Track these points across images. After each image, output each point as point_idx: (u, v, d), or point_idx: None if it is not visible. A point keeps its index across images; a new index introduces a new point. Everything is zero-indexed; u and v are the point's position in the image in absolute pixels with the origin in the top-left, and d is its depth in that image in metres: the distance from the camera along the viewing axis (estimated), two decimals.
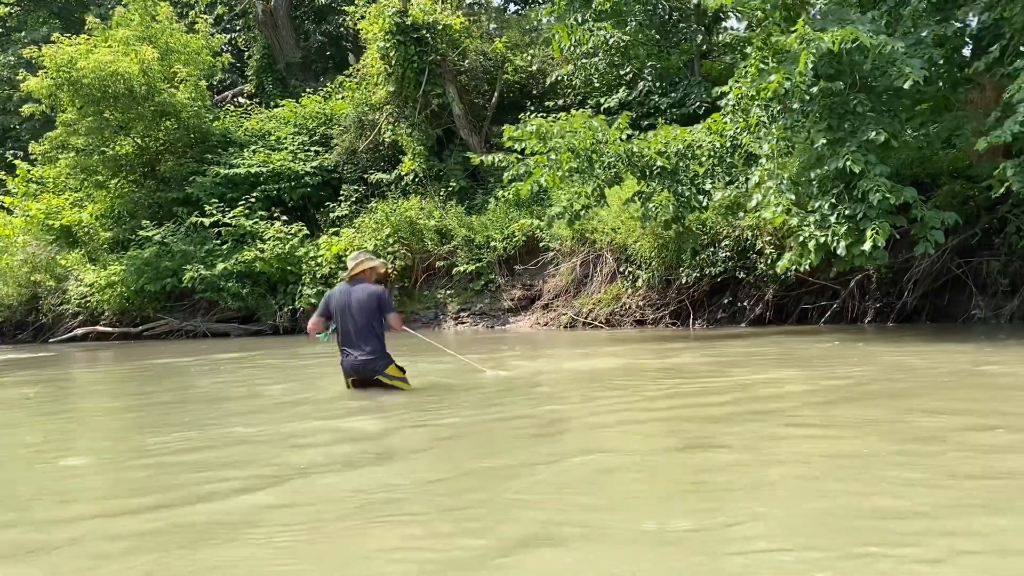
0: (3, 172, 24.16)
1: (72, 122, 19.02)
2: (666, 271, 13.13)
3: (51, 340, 19.29)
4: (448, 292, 16.69)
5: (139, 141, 19.50)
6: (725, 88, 10.74)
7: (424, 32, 17.41)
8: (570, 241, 14.85)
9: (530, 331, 14.70)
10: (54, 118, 21.31)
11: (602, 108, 16.88)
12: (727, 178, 10.98)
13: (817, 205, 9.27)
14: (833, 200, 9.12)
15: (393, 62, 17.36)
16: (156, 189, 19.72)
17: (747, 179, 10.48)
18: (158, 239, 18.03)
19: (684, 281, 12.82)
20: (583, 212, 11.25)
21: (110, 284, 18.21)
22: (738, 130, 10.80)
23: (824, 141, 8.93)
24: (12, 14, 30.87)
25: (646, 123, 15.37)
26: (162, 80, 19.03)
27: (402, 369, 6.82)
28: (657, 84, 17.05)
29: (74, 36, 19.52)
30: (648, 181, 10.71)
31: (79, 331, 19.00)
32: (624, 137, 10.77)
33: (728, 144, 10.85)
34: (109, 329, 18.84)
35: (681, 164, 10.77)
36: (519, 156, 11.21)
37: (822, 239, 9.04)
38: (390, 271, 8.11)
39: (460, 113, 17.94)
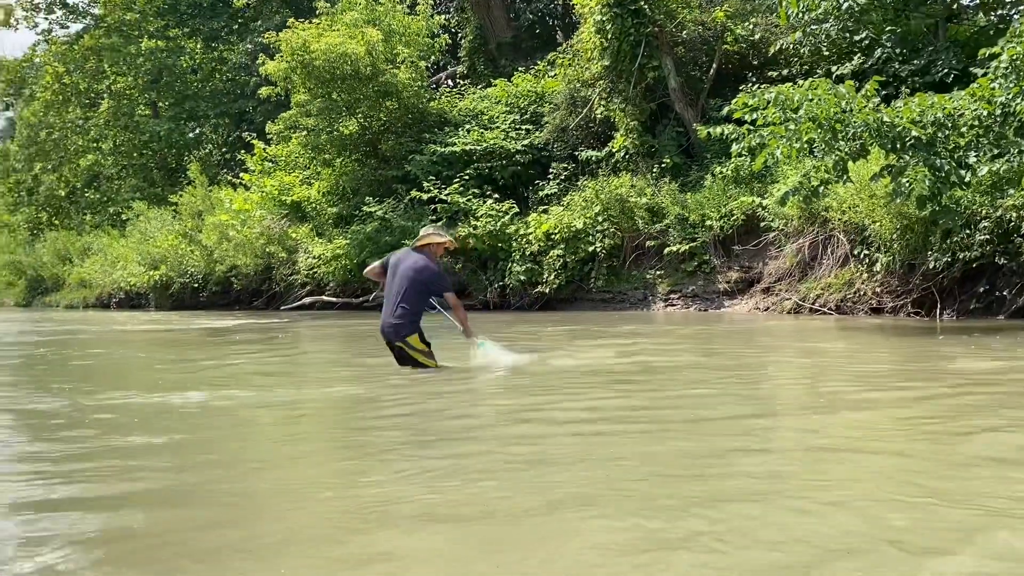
0: (242, 152, 26.36)
1: (304, 103, 20.25)
2: (909, 255, 11.89)
3: (282, 308, 20.74)
4: (658, 272, 16.18)
5: (363, 121, 20.43)
6: (995, 49, 9.49)
7: (642, 3, 16.88)
8: (796, 220, 13.87)
9: (748, 315, 13.92)
10: (285, 101, 22.85)
11: (833, 77, 15.60)
12: (994, 151, 9.69)
13: None
14: None
15: (609, 35, 16.98)
16: (377, 167, 20.62)
17: (1020, 152, 9.19)
18: (379, 215, 18.81)
19: (931, 266, 11.55)
20: (822, 188, 10.35)
21: (335, 257, 19.28)
22: (1010, 96, 9.49)
23: None
24: (250, 5, 33.45)
25: (884, 93, 14.01)
26: (384, 61, 19.79)
27: (427, 344, 6.69)
28: (897, 51, 15.55)
29: (306, 21, 20.74)
30: (901, 154, 9.65)
31: (307, 300, 20.31)
32: (873, 106, 9.77)
33: (998, 112, 9.55)
34: (333, 299, 19.98)
35: (939, 135, 9.61)
36: (751, 127, 10.48)
37: None
38: (454, 246, 7.94)
39: (676, 86, 17.27)
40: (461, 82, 24.12)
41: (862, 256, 12.67)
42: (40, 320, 20.41)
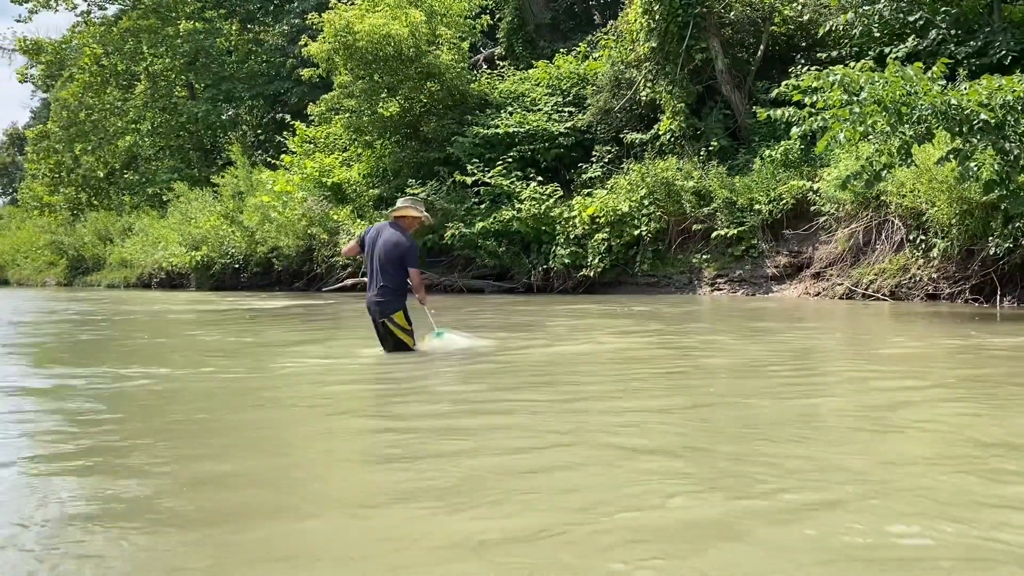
0: (278, 133, 26.47)
1: (346, 85, 20.25)
2: (968, 240, 11.71)
3: (323, 289, 20.86)
4: (704, 256, 16.07)
5: (404, 103, 20.40)
6: None
7: None
8: (849, 204, 13.69)
9: (798, 301, 13.79)
10: (321, 83, 22.85)
11: (887, 60, 15.33)
12: None
13: None
14: None
15: (656, 16, 16.81)
16: (419, 149, 20.59)
17: None
18: (422, 197, 18.79)
19: (992, 252, 11.36)
20: (884, 173, 10.18)
21: None
22: None
23: None
24: None
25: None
26: (427, 43, 19.72)
27: (410, 323, 6.78)
28: (952, 32, 15.24)
29: (348, 1, 20.70)
30: (968, 137, 9.48)
31: (348, 281, 20.38)
32: (940, 88, 9.59)
33: None
34: None
35: (1009, 118, 9.42)
36: (811, 110, 10.33)
37: None
38: (429, 222, 7.99)
39: (723, 68, 17.07)
40: (500, 63, 24.00)
41: (918, 241, 12.49)
42: (94, 299, 20.66)
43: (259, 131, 34.75)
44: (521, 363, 6.73)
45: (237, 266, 23.75)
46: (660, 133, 17.41)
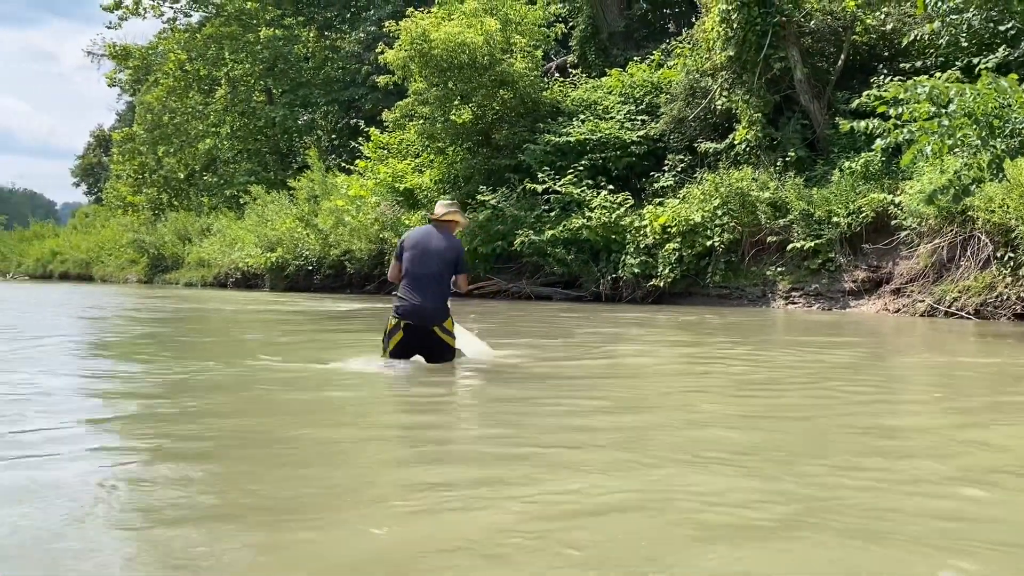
0: (352, 138, 26.99)
1: (420, 92, 20.53)
2: None
3: (393, 292, 21.11)
4: (779, 269, 15.78)
5: (476, 110, 20.59)
6: None
7: None
8: (933, 219, 13.27)
9: (877, 317, 13.43)
10: (395, 89, 23.21)
11: (975, 71, 14.86)
12: None
13: None
14: None
15: (734, 25, 16.60)
16: (490, 156, 20.75)
17: None
18: (492, 203, 18.94)
19: None
20: (973, 187, 9.87)
21: None
22: None
23: None
24: None
25: None
26: (501, 51, 19.87)
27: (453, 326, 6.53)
28: None
29: (424, 9, 21.01)
30: None
31: None
32: None
33: None
34: None
35: None
36: (896, 122, 10.09)
37: None
38: (468, 226, 7.77)
39: (802, 78, 16.75)
40: (572, 71, 24.02)
41: (1006, 259, 12.04)
42: (180, 298, 21.37)
43: (333, 136, 35.51)
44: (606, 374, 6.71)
45: (310, 268, 24.29)
46: (735, 143, 17.18)
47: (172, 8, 38.06)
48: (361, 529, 2.59)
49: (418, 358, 6.43)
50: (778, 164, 16.36)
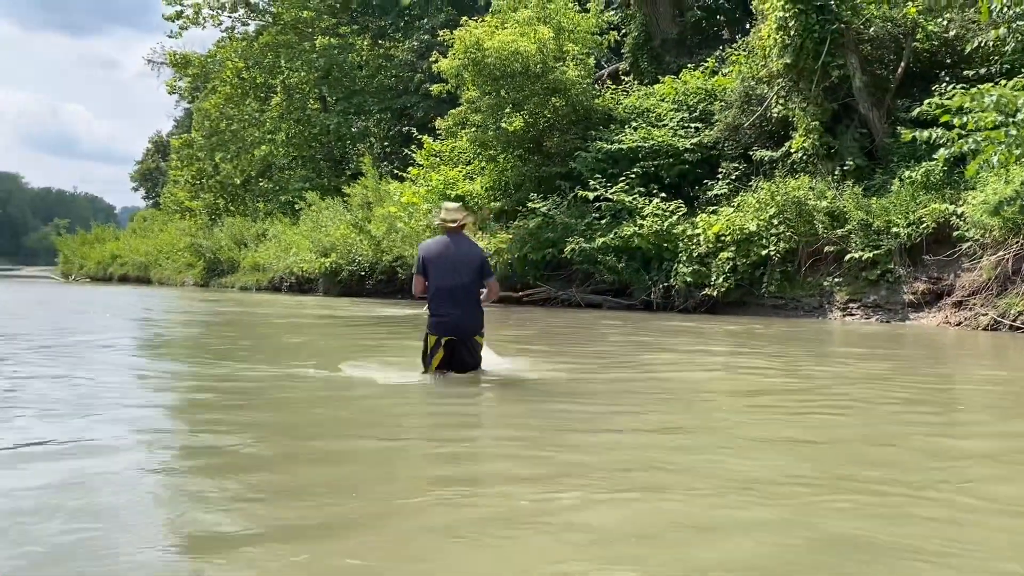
0: (404, 146, 27.27)
1: (473, 100, 20.67)
2: None
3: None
4: (836, 280, 15.51)
5: (528, 118, 20.65)
6: None
7: None
8: (997, 231, 12.93)
9: (938, 330, 13.13)
10: (447, 97, 23.40)
11: None
12: None
13: None
14: None
15: (792, 32, 16.39)
16: (541, 164, 20.78)
17: None
18: (543, 211, 18.96)
19: None
20: None
21: (497, 251, 19.60)
22: None
23: None
24: (415, 3, 34.52)
25: None
26: (554, 59, 19.91)
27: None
28: None
29: (477, 18, 21.16)
30: None
31: None
32: None
33: None
34: None
35: None
36: (961, 131, 9.86)
37: None
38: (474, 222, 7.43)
39: (860, 86, 16.48)
40: (624, 79, 23.95)
41: None
42: (235, 301, 21.82)
43: (385, 143, 35.93)
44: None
45: (363, 273, 24.58)
46: (791, 151, 16.95)
47: (230, 17, 38.96)
48: (405, 553, 2.61)
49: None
50: (836, 173, 16.11)
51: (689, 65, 21.48)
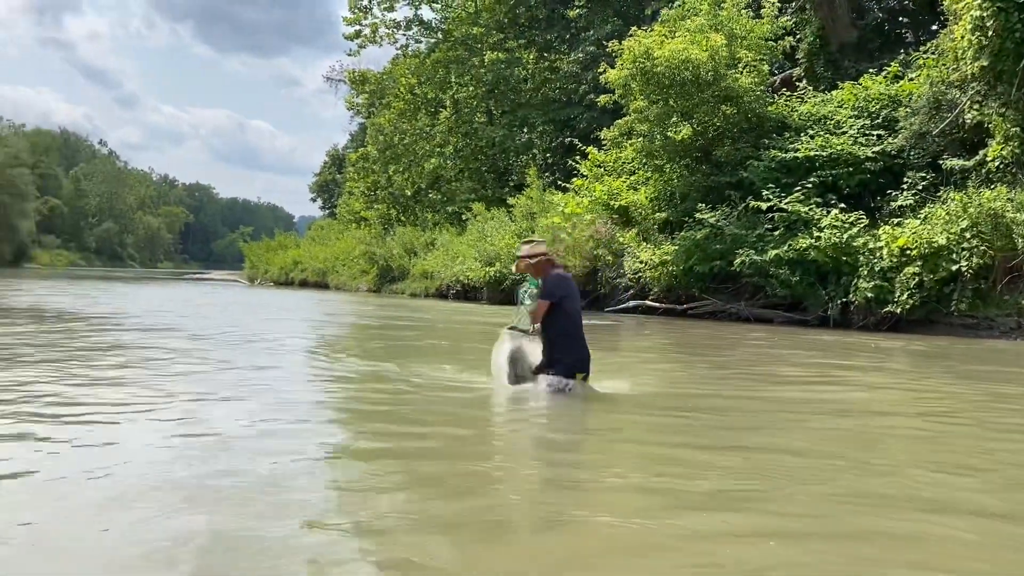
0: (569, 157, 27.50)
1: (641, 109, 20.58)
2: None
3: (606, 310, 21.29)
4: None
5: (697, 127, 20.32)
6: None
7: None
8: None
9: None
10: (612, 108, 23.37)
11: None
12: None
13: None
14: None
15: (989, 33, 15.24)
16: (709, 173, 20.38)
17: None
18: (712, 222, 18.57)
19: None
20: None
21: (662, 263, 19.39)
22: None
23: None
24: (581, 16, 34.81)
25: None
26: (726, 67, 19.50)
27: None
28: None
29: (646, 28, 21.06)
30: None
31: (630, 303, 20.65)
32: None
33: None
34: (656, 304, 20.09)
35: None
36: None
37: None
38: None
39: None
40: (799, 85, 23.09)
41: None
42: (406, 307, 22.79)
43: (548, 154, 36.41)
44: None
45: None
46: (988, 159, 15.74)
47: (404, 35, 40.81)
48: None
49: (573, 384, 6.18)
50: None
51: (870, 70, 20.42)
